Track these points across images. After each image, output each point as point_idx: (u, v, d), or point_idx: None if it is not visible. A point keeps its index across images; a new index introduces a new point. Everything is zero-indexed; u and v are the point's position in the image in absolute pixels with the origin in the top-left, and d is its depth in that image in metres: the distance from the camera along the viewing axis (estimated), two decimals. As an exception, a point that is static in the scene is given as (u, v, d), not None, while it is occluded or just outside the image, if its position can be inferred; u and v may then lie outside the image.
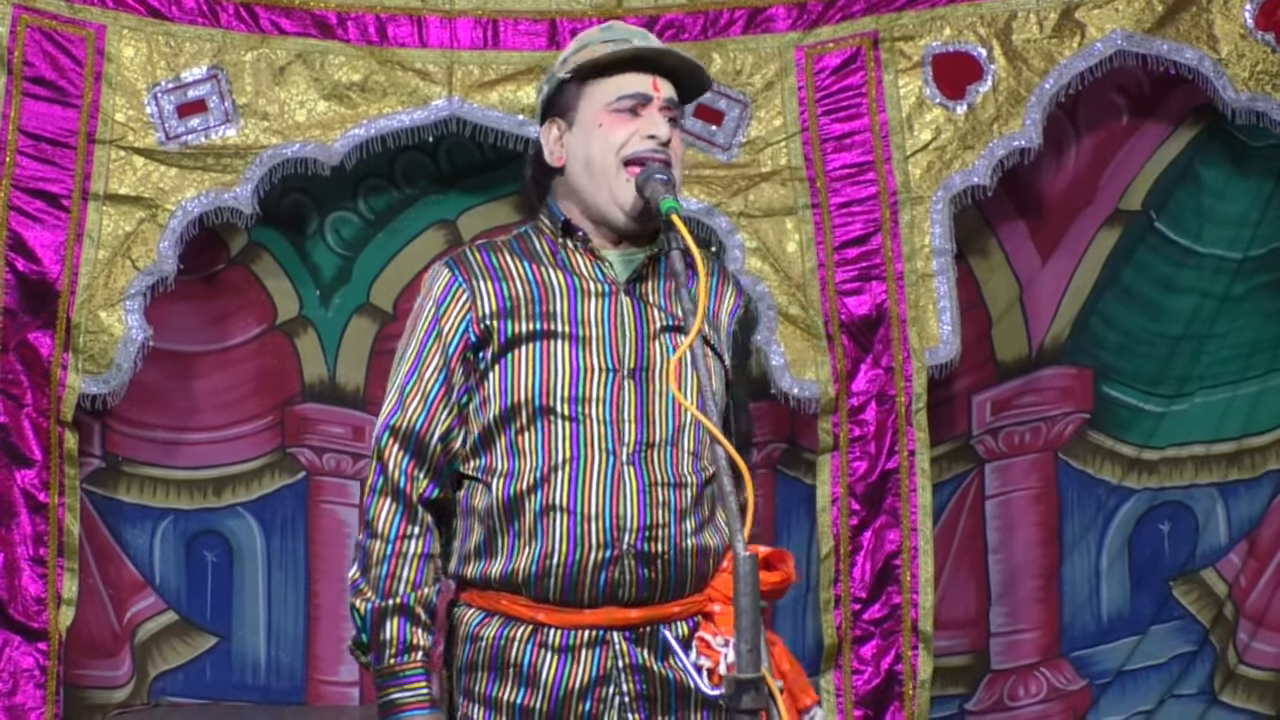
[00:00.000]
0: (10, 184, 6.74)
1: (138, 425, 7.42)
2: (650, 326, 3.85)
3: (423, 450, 3.86)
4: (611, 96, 3.85)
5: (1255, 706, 7.72)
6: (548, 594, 3.76)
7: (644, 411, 3.76)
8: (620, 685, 3.75)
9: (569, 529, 3.72)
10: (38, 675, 6.78)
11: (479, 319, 3.86)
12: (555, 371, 3.78)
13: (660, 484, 3.75)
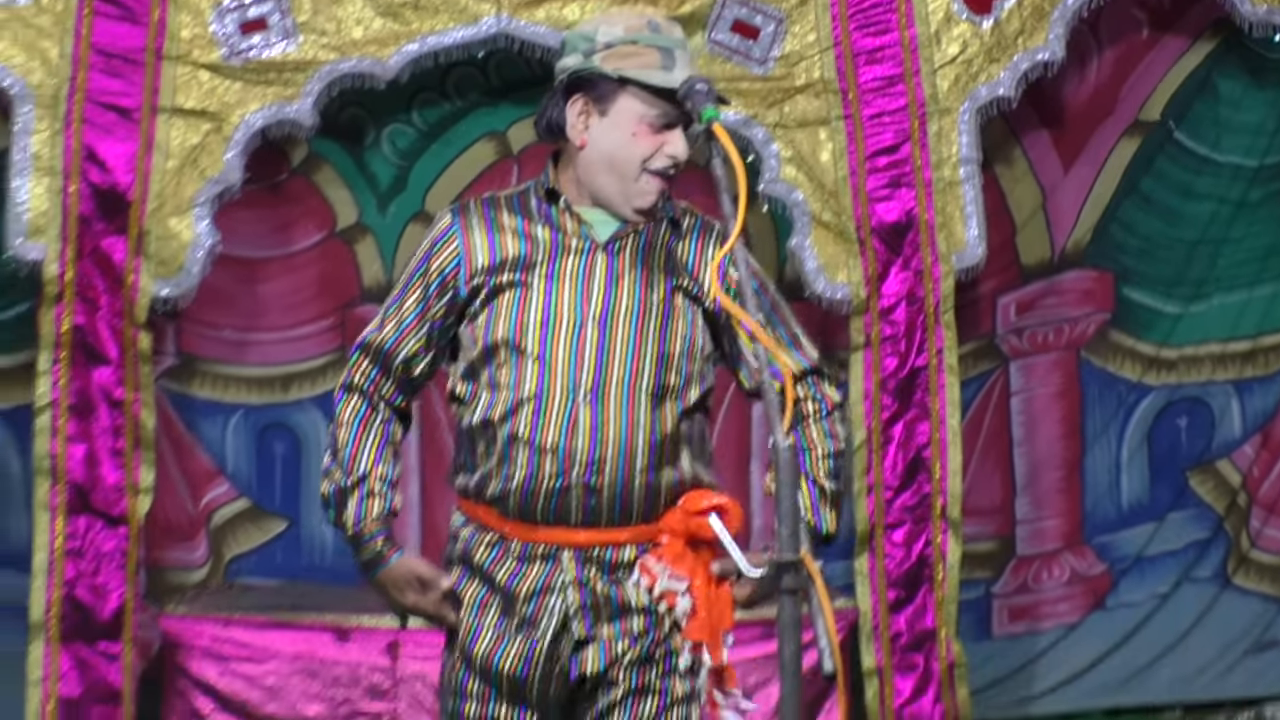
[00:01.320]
0: (84, 98, 6.77)
1: (209, 326, 7.49)
2: (620, 281, 3.92)
3: (387, 366, 4.06)
4: (652, 113, 3.88)
5: (1267, 589, 7.76)
6: (508, 511, 3.91)
7: (604, 356, 3.86)
8: (565, 596, 3.87)
9: (528, 458, 3.85)
10: (118, 558, 6.86)
11: (470, 268, 3.98)
12: (529, 317, 3.90)
13: (612, 422, 3.85)
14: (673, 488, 3.89)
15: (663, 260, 3.97)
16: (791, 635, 3.14)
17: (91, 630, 6.81)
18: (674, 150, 3.89)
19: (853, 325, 7.10)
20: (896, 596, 7.11)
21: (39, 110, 6.77)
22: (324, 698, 6.73)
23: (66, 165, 6.73)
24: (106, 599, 6.82)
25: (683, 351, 3.90)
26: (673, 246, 4.00)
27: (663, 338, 3.87)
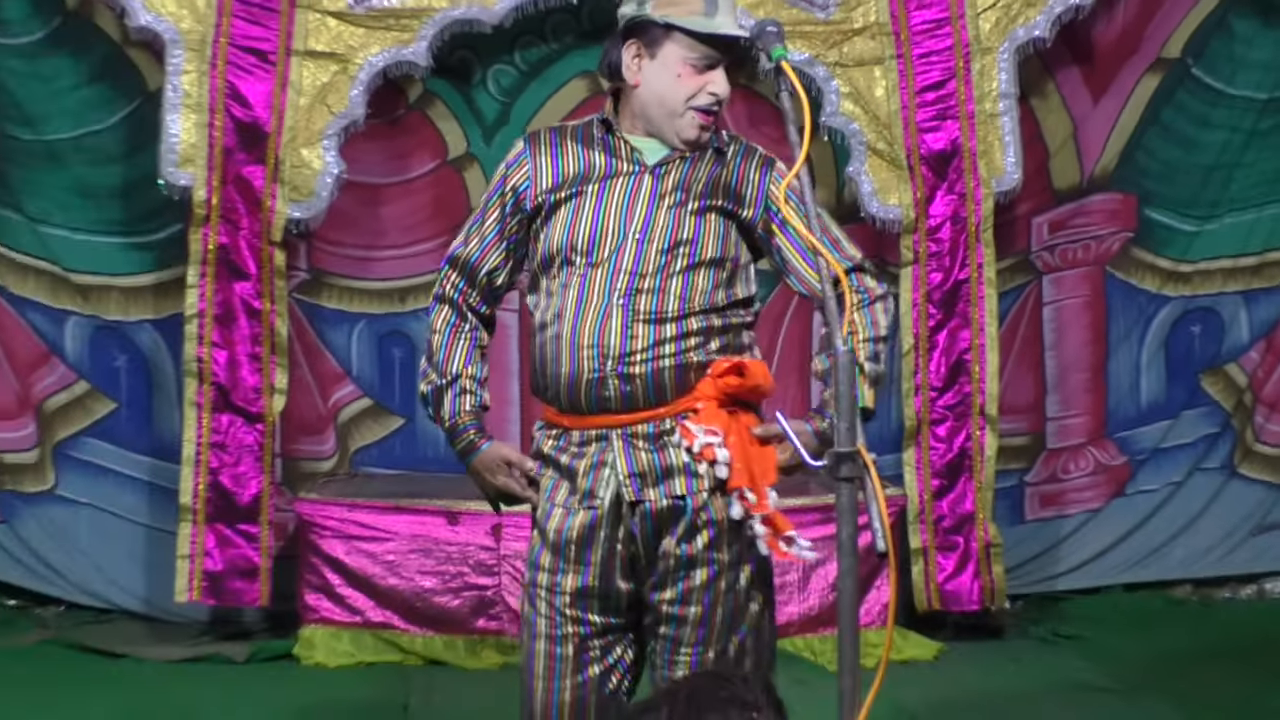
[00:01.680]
0: (227, 43, 6.79)
1: (336, 244, 7.50)
2: (662, 200, 3.90)
3: (473, 277, 4.05)
4: (694, 55, 3.86)
5: (1269, 477, 7.76)
6: (561, 405, 3.92)
7: (640, 264, 3.85)
8: (616, 468, 3.85)
9: (569, 355, 3.85)
10: (256, 450, 6.93)
11: (536, 187, 3.97)
12: (579, 231, 3.90)
13: (641, 320, 3.84)
14: (703, 365, 3.86)
15: (703, 183, 3.94)
16: (848, 519, 3.14)
17: (233, 513, 6.90)
18: (716, 89, 3.87)
19: (902, 243, 7.10)
20: (940, 485, 7.13)
21: (188, 54, 6.80)
22: (437, 573, 6.76)
23: (212, 102, 6.77)
24: (246, 486, 6.91)
25: (713, 260, 3.88)
26: (715, 172, 3.96)
27: (693, 250, 3.86)
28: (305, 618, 6.80)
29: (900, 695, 5.91)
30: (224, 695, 6.25)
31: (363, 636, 6.74)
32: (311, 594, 6.80)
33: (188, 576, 6.87)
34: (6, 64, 7.20)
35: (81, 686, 6.36)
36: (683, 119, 3.88)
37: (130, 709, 6.04)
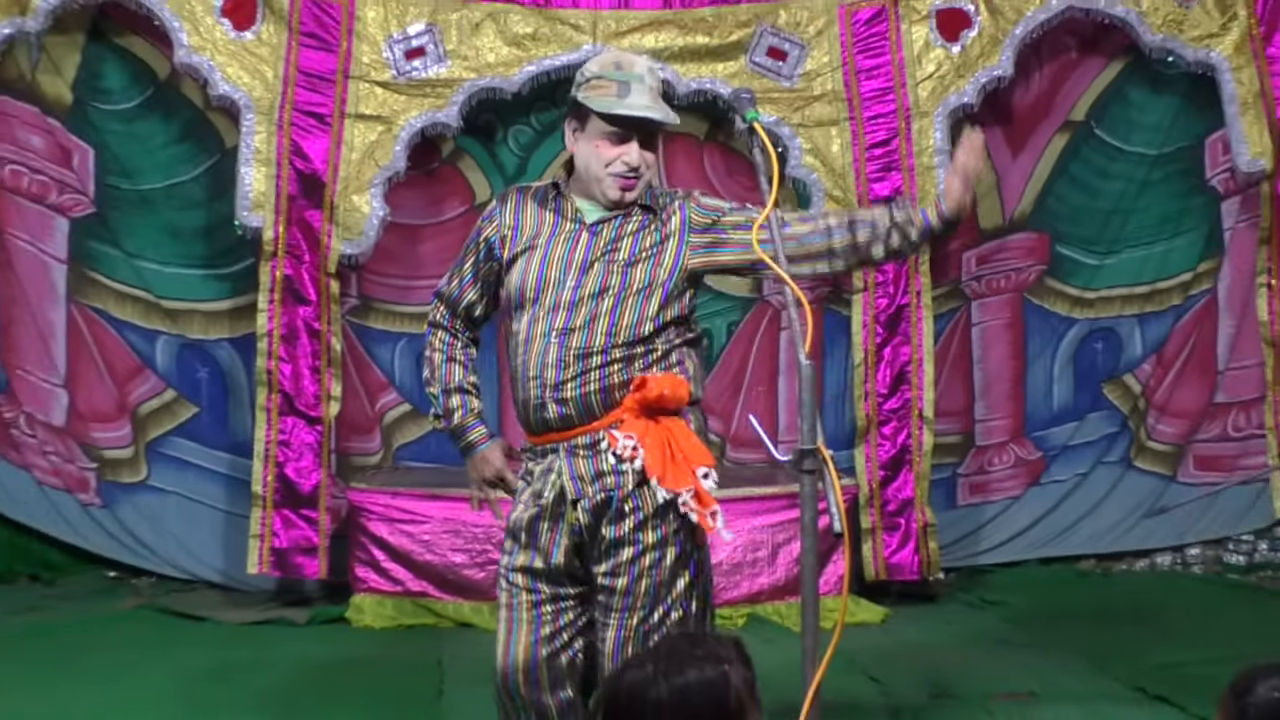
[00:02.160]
0: (292, 109, 6.84)
1: (381, 275, 7.50)
2: (596, 251, 3.91)
3: (454, 309, 4.14)
4: (609, 131, 3.87)
5: (1159, 469, 7.72)
6: (524, 425, 3.99)
7: (574, 308, 3.87)
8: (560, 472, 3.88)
9: (523, 384, 3.91)
10: (315, 447, 6.96)
11: (503, 239, 4.02)
12: (529, 277, 3.93)
13: (571, 353, 3.85)
14: (625, 385, 3.86)
15: (632, 237, 3.93)
16: (810, 504, 3.18)
17: (296, 500, 6.93)
18: (628, 159, 3.86)
19: (854, 274, 7.08)
20: (885, 475, 7.17)
21: (259, 117, 6.84)
22: (465, 550, 6.76)
23: (279, 157, 6.80)
24: (307, 478, 6.94)
25: (637, 300, 3.88)
26: (644, 225, 3.94)
27: (619, 294, 3.87)
28: (356, 587, 6.80)
29: (853, 652, 5.90)
30: (288, 652, 6.25)
31: (403, 603, 6.75)
32: (361, 567, 6.81)
33: (258, 553, 6.92)
34: (108, 126, 7.25)
35: (169, 644, 6.38)
36: (604, 183, 3.89)
37: (209, 663, 6.03)
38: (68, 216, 7.37)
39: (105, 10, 7.05)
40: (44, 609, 6.98)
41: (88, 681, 5.75)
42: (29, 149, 7.26)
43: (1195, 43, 7.14)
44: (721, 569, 6.72)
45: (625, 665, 2.46)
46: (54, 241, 7.37)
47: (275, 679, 5.80)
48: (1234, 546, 7.68)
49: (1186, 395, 7.71)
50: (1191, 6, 7.13)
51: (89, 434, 7.45)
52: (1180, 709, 5.25)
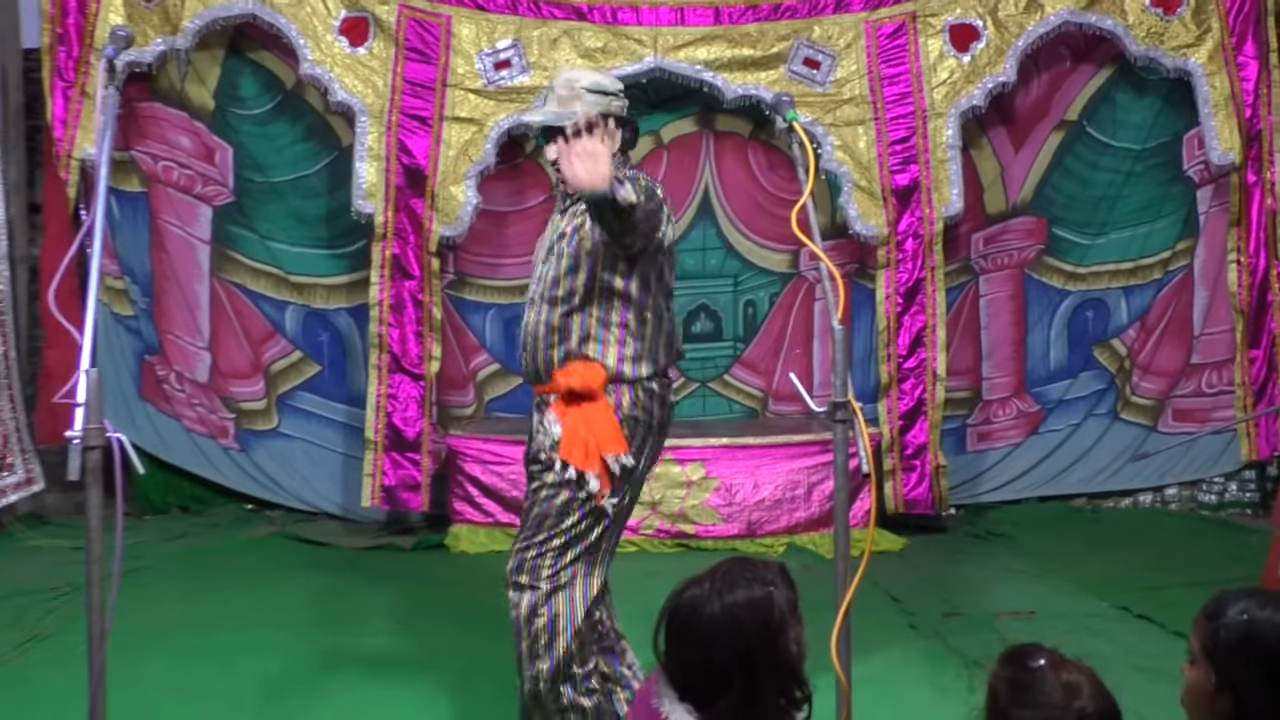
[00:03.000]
0: (399, 113, 6.86)
1: (474, 254, 7.51)
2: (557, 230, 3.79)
3: None
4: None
5: (1142, 420, 7.65)
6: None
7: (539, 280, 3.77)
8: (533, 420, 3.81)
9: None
10: (419, 400, 7.00)
11: None
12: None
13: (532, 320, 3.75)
14: (563, 359, 3.72)
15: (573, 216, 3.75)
16: (842, 449, 3.17)
17: (402, 445, 6.98)
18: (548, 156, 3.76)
19: (878, 253, 7.10)
20: (904, 425, 7.15)
21: (371, 120, 6.87)
22: (546, 486, 6.78)
23: (388, 154, 6.83)
24: (412, 426, 6.98)
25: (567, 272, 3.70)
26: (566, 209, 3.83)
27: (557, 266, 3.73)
28: (453, 518, 6.85)
29: (877, 576, 5.91)
30: (395, 573, 6.29)
31: (494, 532, 6.77)
32: (458, 502, 6.86)
33: (370, 489, 6.98)
34: (244, 128, 7.29)
35: (296, 566, 6.45)
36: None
37: (330, 581, 6.08)
38: (210, 205, 7.42)
39: (242, 29, 7.09)
40: (192, 535, 7.06)
41: (229, 596, 5.81)
42: (179, 148, 7.31)
43: (1174, 52, 7.05)
44: (764, 505, 6.73)
45: (686, 583, 2.46)
46: (199, 226, 7.43)
47: (385, 596, 5.83)
48: (1207, 487, 7.61)
49: (1166, 356, 7.62)
50: (1171, 20, 7.03)
51: (229, 389, 7.52)
52: (1160, 626, 5.21)
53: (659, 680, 2.39)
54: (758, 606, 2.37)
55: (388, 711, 4.31)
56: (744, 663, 2.33)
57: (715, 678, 2.34)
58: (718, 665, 2.33)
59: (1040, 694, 2.18)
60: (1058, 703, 2.17)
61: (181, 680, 4.59)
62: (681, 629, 2.37)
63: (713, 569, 2.46)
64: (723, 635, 2.34)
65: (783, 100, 3.77)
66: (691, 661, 2.35)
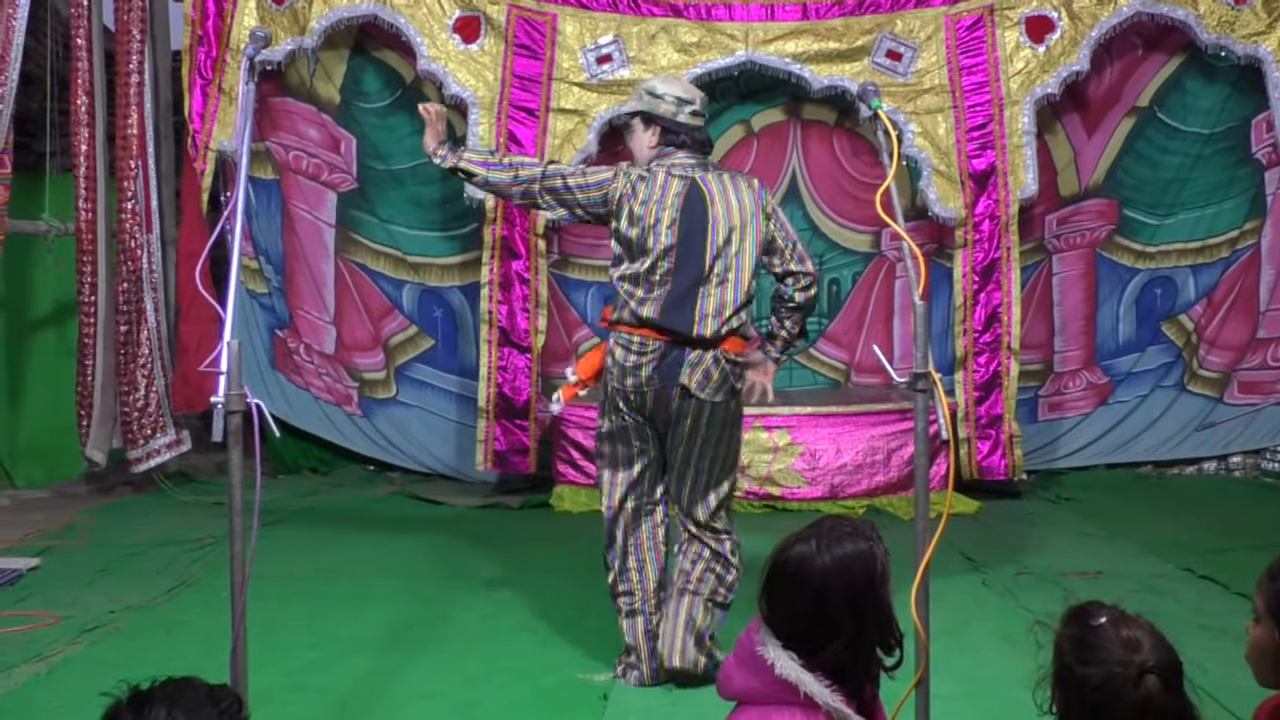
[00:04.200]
0: (508, 105, 6.90)
1: (577, 237, 7.55)
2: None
3: None
4: None
5: (1208, 392, 7.57)
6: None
7: None
8: None
9: None
10: (526, 371, 7.04)
11: None
12: None
13: None
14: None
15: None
16: (922, 416, 3.14)
17: (512, 412, 7.03)
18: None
19: (956, 233, 7.02)
20: (980, 395, 7.07)
21: (482, 112, 6.92)
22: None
23: (497, 143, 6.87)
24: (520, 394, 7.03)
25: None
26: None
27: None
28: (558, 480, 6.90)
29: (953, 537, 5.86)
30: (504, 529, 6.37)
31: (594, 492, 6.67)
32: (562, 465, 6.90)
33: (482, 453, 7.04)
34: (367, 120, 7.39)
35: (415, 521, 6.54)
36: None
37: (446, 536, 6.17)
38: (336, 191, 7.54)
39: (365, 29, 7.17)
40: (321, 493, 7.21)
41: (354, 548, 5.93)
42: (307, 139, 7.43)
43: (1244, 40, 6.87)
44: (846, 469, 6.72)
45: (790, 539, 2.47)
46: (325, 210, 7.55)
47: (495, 550, 5.91)
48: (1270, 455, 7.49)
49: (1232, 331, 7.50)
50: (1242, 9, 6.86)
51: (352, 360, 7.64)
52: (1224, 586, 5.12)
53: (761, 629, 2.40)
54: (864, 559, 2.39)
55: (497, 655, 4.38)
56: (854, 610, 2.35)
57: (825, 625, 2.35)
58: (829, 614, 2.35)
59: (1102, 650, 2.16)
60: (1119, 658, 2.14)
61: (313, 624, 4.70)
62: (791, 581, 2.39)
63: (813, 526, 2.47)
64: (835, 585, 2.36)
65: (868, 89, 3.71)
66: (803, 612, 2.36)
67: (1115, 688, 2.13)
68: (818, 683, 2.31)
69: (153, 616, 4.82)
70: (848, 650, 2.35)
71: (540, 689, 4.06)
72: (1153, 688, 2.11)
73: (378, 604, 4.96)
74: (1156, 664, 2.13)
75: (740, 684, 2.39)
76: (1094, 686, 2.15)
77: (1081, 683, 2.17)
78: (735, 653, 2.43)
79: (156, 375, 7.02)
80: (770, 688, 2.33)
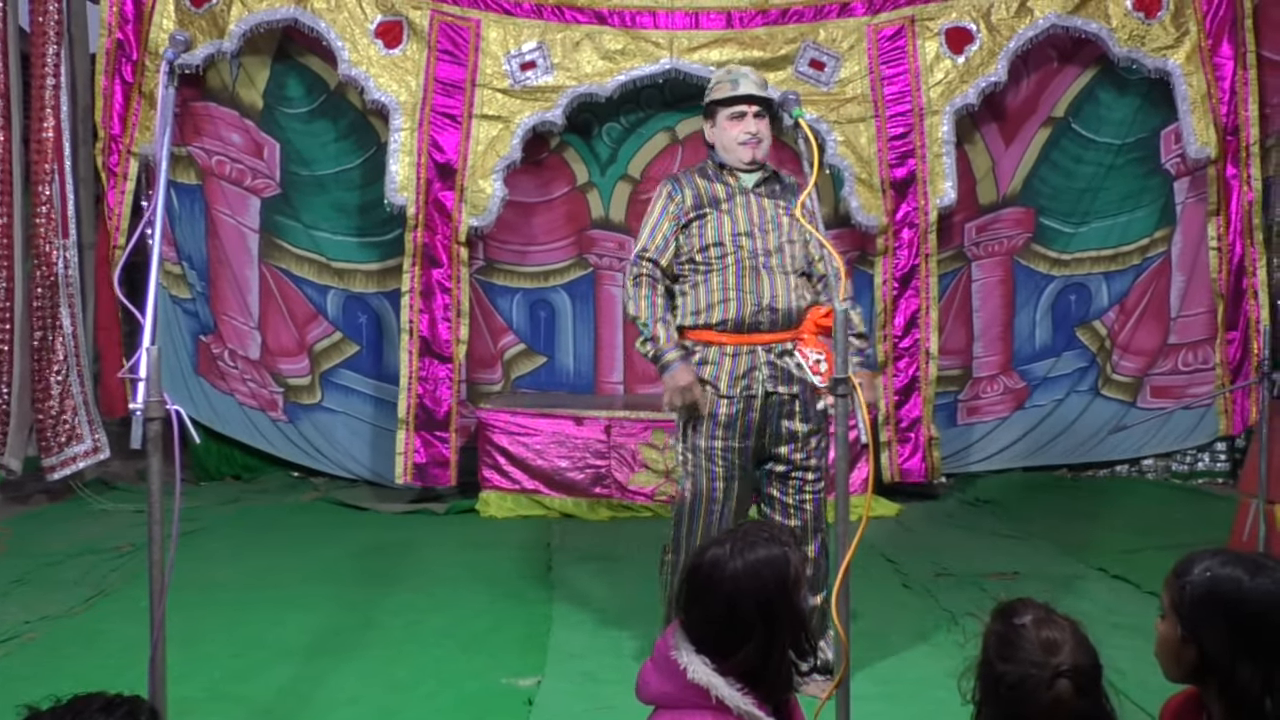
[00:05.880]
0: (431, 111, 6.86)
1: (502, 243, 7.55)
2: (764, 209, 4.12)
3: (658, 261, 4.16)
4: (729, 112, 4.17)
5: (1120, 396, 7.68)
6: (727, 329, 4.06)
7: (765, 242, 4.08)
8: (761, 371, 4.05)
9: (736, 299, 4.04)
10: (447, 381, 6.99)
11: (684, 205, 4.16)
12: (724, 229, 4.10)
13: (777, 275, 4.05)
14: (803, 309, 4.04)
15: (778, 197, 4.16)
16: (843, 421, 3.16)
17: (432, 423, 6.99)
18: (748, 128, 4.14)
19: (878, 240, 7.09)
20: (899, 399, 7.14)
21: (404, 118, 6.88)
22: (568, 457, 6.81)
23: (419, 149, 6.84)
24: (441, 405, 6.99)
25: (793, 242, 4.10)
26: (782, 191, 4.18)
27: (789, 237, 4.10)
28: (483, 485, 6.86)
29: (874, 539, 5.95)
30: (429, 535, 6.33)
31: (520, 498, 6.80)
32: (487, 470, 6.87)
33: (402, 466, 6.97)
34: (291, 125, 7.33)
35: (339, 527, 6.49)
36: (737, 151, 4.16)
37: (370, 542, 6.13)
38: (259, 196, 7.45)
39: (288, 34, 7.10)
40: (244, 500, 7.11)
41: (277, 555, 5.86)
42: (230, 144, 7.34)
43: (1155, 53, 7.02)
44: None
45: (707, 544, 2.49)
46: (249, 216, 7.47)
47: (420, 556, 5.87)
48: (1180, 458, 7.62)
49: (1144, 337, 7.63)
50: (1152, 23, 7.00)
51: (277, 366, 7.56)
52: (1135, 586, 5.21)
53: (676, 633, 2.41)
54: (775, 563, 2.40)
55: (423, 660, 4.35)
56: (764, 615, 2.36)
57: (736, 629, 2.36)
58: (740, 618, 2.36)
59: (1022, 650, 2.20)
60: (1036, 659, 2.18)
61: (234, 632, 4.64)
62: (705, 584, 2.40)
63: (733, 530, 2.50)
64: (746, 589, 2.37)
65: (789, 98, 3.77)
66: (715, 614, 2.38)
67: (1030, 688, 2.17)
68: (729, 687, 2.32)
69: (70, 627, 4.73)
70: (759, 654, 2.36)
71: (465, 694, 4.04)
72: (1064, 691, 2.15)
73: (301, 611, 4.90)
74: (1072, 667, 2.17)
75: (655, 688, 2.40)
76: (1010, 684, 2.19)
77: (999, 679, 2.21)
78: (652, 657, 2.43)
79: (73, 382, 6.89)
80: (684, 692, 2.34)
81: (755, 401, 4.02)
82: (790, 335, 4.01)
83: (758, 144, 4.12)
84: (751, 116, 4.13)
